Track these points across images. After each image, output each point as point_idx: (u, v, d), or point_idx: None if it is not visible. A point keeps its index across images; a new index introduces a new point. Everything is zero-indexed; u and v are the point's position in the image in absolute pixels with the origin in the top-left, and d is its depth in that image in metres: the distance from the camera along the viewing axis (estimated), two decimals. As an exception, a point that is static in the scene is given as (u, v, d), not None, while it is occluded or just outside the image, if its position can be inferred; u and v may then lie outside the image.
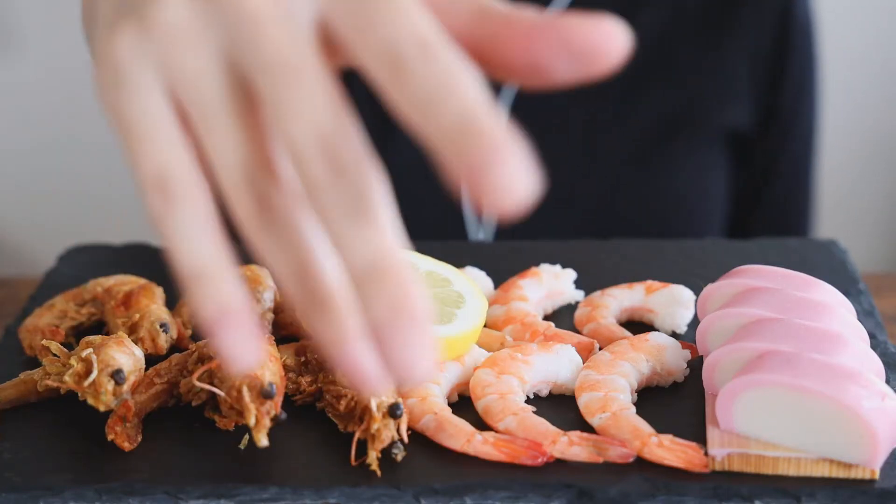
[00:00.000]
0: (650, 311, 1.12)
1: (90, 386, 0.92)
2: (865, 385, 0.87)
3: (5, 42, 2.68)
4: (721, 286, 1.03)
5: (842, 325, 0.96)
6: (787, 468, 0.89)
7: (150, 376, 0.98)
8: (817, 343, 0.91)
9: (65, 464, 0.93)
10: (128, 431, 0.94)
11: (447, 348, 1.00)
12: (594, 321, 1.10)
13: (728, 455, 0.90)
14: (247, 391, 0.90)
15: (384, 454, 0.92)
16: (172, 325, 1.05)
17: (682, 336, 1.10)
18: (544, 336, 1.06)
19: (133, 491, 0.89)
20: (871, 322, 1.11)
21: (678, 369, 1.02)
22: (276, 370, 0.94)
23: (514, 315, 1.10)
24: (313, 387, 0.99)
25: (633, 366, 1.00)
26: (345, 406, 0.95)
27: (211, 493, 0.89)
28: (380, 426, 0.91)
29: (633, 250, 1.28)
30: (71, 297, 1.14)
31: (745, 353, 0.93)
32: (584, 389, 0.98)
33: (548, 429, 0.93)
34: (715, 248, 1.28)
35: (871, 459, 0.87)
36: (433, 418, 0.95)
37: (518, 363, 1.00)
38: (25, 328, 1.11)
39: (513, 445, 0.92)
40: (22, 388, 1.00)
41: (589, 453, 0.92)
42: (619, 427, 0.93)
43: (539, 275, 1.15)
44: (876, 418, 0.86)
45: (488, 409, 0.96)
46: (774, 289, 0.99)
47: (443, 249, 1.30)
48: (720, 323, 0.99)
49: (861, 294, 1.16)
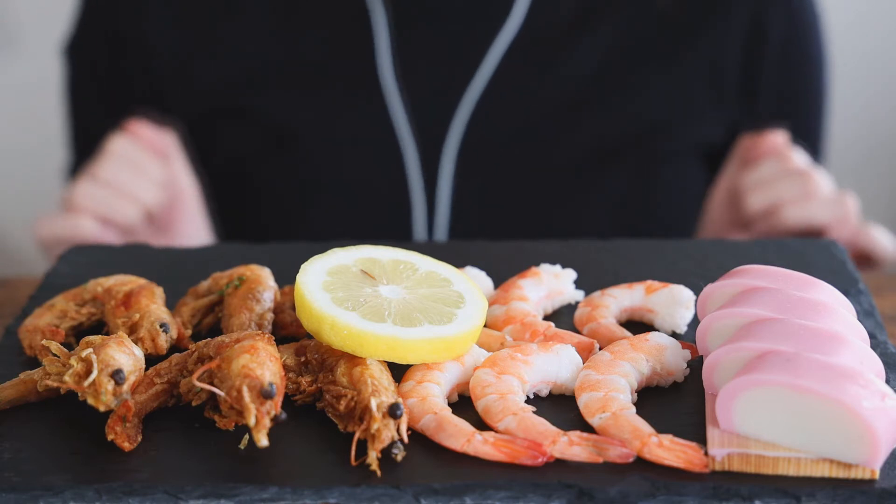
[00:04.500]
0: (650, 311, 1.12)
1: (90, 386, 0.92)
2: (865, 385, 0.87)
3: (5, 42, 2.68)
4: (721, 286, 1.03)
5: (842, 325, 0.96)
6: (787, 468, 0.89)
7: (150, 376, 0.98)
8: (817, 343, 0.91)
9: (65, 464, 0.93)
10: (128, 431, 0.94)
11: (447, 348, 1.00)
12: (594, 321, 1.10)
13: (728, 455, 0.90)
14: (247, 391, 0.90)
15: (384, 454, 0.92)
16: (172, 325, 1.05)
17: (682, 336, 1.10)
18: (544, 336, 1.06)
19: (133, 491, 0.89)
20: (871, 322, 1.11)
21: (678, 369, 1.02)
22: (276, 370, 0.94)
23: (514, 315, 1.10)
24: (313, 387, 0.99)
25: (633, 366, 1.00)
26: (345, 406, 0.95)
27: (211, 493, 0.89)
28: (380, 426, 0.91)
29: (633, 250, 1.28)
30: (71, 297, 1.14)
31: (745, 353, 0.93)
32: (584, 389, 0.98)
33: (548, 429, 0.93)
34: (715, 248, 1.28)
35: (871, 459, 0.87)
36: (433, 418, 0.95)
37: (518, 363, 1.00)
38: (25, 328, 1.10)
39: (513, 445, 0.92)
40: (22, 388, 1.00)
41: (589, 453, 0.92)
42: (619, 427, 0.93)
43: (539, 275, 1.15)
44: (876, 418, 0.86)
45: (488, 409, 0.96)
46: (774, 289, 0.99)
47: (443, 249, 1.31)
48: (720, 323, 0.99)
49: (861, 294, 1.16)
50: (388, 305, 1.01)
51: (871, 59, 2.67)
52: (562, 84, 1.71)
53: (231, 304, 1.09)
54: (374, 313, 0.99)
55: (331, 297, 1.00)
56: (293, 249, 1.24)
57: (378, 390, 0.94)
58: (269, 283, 1.12)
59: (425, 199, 1.69)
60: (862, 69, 2.65)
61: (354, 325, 0.98)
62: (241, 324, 1.06)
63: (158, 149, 1.65)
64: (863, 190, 2.73)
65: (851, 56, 2.58)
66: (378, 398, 0.93)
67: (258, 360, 0.93)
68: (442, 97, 1.71)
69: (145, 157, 1.62)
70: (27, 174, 2.74)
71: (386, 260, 1.07)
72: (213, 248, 1.33)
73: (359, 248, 1.07)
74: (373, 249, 1.08)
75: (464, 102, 1.70)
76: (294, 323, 1.08)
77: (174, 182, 1.67)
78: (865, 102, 2.68)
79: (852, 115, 2.64)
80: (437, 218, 1.71)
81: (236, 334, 0.99)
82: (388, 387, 0.96)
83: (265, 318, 1.08)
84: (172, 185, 1.66)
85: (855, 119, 2.66)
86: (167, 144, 1.67)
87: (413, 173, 1.69)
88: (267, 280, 1.12)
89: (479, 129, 1.71)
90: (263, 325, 1.07)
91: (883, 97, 2.70)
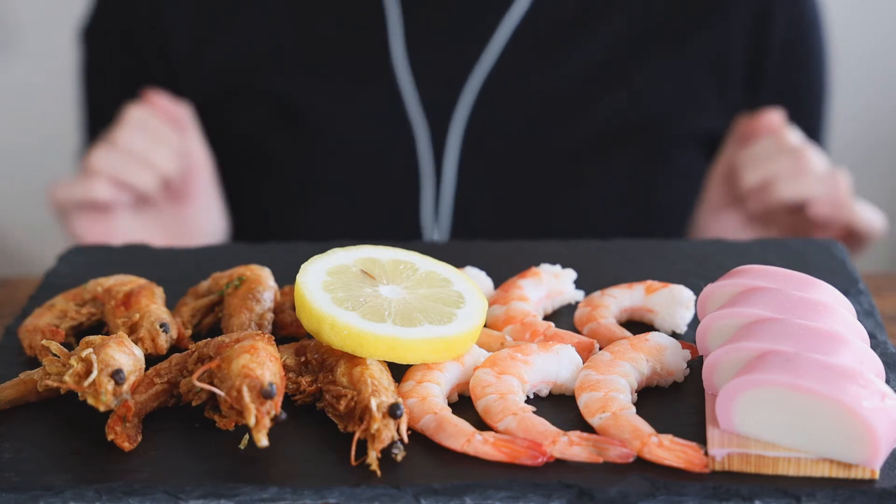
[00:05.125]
0: (650, 311, 1.12)
1: (90, 386, 0.92)
2: (865, 385, 0.87)
3: (5, 42, 2.68)
4: (721, 286, 1.03)
5: (842, 325, 0.96)
6: (787, 468, 0.89)
7: (150, 376, 0.98)
8: (817, 343, 0.91)
9: (65, 464, 0.93)
10: (128, 431, 0.94)
11: (447, 348, 1.00)
12: (594, 321, 1.10)
13: (728, 455, 0.90)
14: (247, 391, 0.90)
15: (384, 454, 0.92)
16: (172, 325, 1.05)
17: (682, 336, 1.10)
18: (544, 336, 1.06)
19: (133, 491, 0.89)
20: (871, 322, 1.11)
21: (678, 369, 1.02)
22: (276, 370, 0.94)
23: (514, 315, 1.10)
24: (313, 387, 0.99)
25: (633, 366, 1.00)
26: (345, 406, 0.95)
27: (211, 493, 0.89)
28: (380, 426, 0.91)
29: (633, 250, 1.28)
30: (71, 297, 1.14)
31: (745, 353, 0.93)
32: (584, 389, 0.98)
33: (548, 429, 0.93)
34: (715, 248, 1.28)
35: (871, 459, 0.87)
36: (433, 418, 0.95)
37: (518, 363, 1.00)
38: (25, 328, 1.10)
39: (513, 445, 0.92)
40: (22, 388, 1.00)
41: (589, 453, 0.92)
42: (619, 427, 0.93)
43: (539, 275, 1.15)
44: (876, 418, 0.86)
45: (488, 409, 0.96)
46: (774, 289, 0.99)
47: (443, 250, 1.31)
48: (720, 323, 0.99)
49: (861, 294, 1.16)
50: (388, 305, 1.01)
51: (871, 58, 2.67)
52: (568, 70, 1.74)
53: (231, 304, 1.09)
54: (374, 313, 0.99)
55: (331, 297, 1.00)
56: (293, 249, 1.24)
57: (378, 390, 0.94)
58: (269, 283, 1.12)
59: (434, 176, 1.71)
60: (862, 69, 2.65)
61: (354, 325, 0.98)
62: (241, 324, 1.06)
63: (175, 118, 1.67)
64: (863, 190, 2.74)
65: (852, 56, 2.58)
66: (378, 398, 0.93)
67: (258, 360, 0.93)
68: (449, 79, 1.74)
69: (162, 126, 1.65)
70: (27, 174, 2.74)
71: (386, 260, 1.07)
72: (214, 248, 1.33)
73: (359, 248, 1.07)
74: (373, 249, 1.08)
75: (470, 83, 1.72)
76: (294, 323, 1.08)
77: (190, 153, 1.69)
78: (865, 102, 2.68)
79: (852, 115, 2.64)
80: (442, 200, 1.72)
81: (236, 334, 0.99)
82: (388, 387, 0.96)
83: (265, 318, 1.08)
84: (188, 155, 1.68)
85: (855, 119, 2.66)
86: (183, 116, 1.70)
87: (423, 152, 1.72)
88: (267, 280, 1.12)
89: (486, 109, 1.74)
90: (263, 325, 1.07)
91: (883, 97, 2.70)
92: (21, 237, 2.77)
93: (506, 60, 1.73)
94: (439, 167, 1.73)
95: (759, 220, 1.63)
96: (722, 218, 1.67)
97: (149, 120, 1.64)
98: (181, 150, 1.66)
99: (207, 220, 1.73)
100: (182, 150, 1.67)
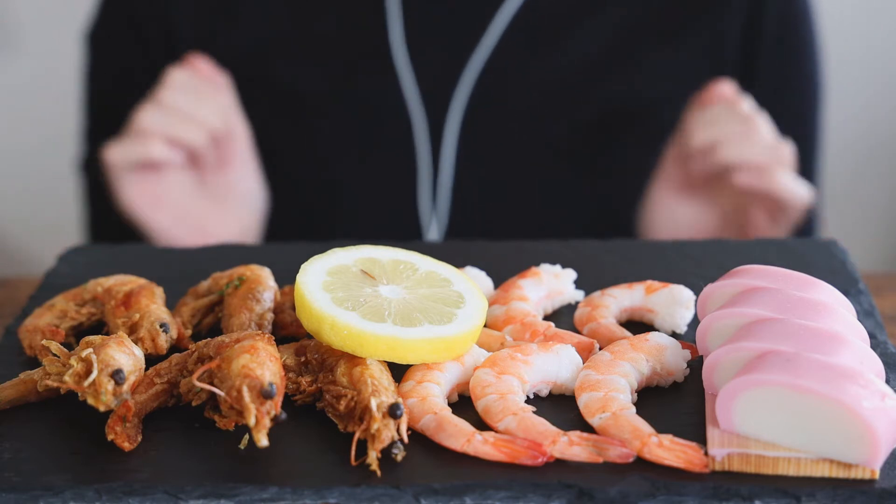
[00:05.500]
0: (650, 311, 1.12)
1: (90, 386, 0.92)
2: (865, 385, 0.87)
3: (5, 42, 2.68)
4: (721, 286, 1.03)
5: (842, 325, 0.96)
6: (787, 468, 0.89)
7: (150, 376, 0.98)
8: (817, 343, 0.91)
9: (65, 464, 0.93)
10: (128, 431, 0.94)
11: (447, 348, 1.00)
12: (594, 321, 1.10)
13: (728, 455, 0.90)
14: (247, 391, 0.90)
15: (384, 454, 0.92)
16: (172, 325, 1.05)
17: (682, 336, 1.10)
18: (544, 336, 1.06)
19: (133, 491, 0.89)
20: (871, 322, 1.12)
21: (678, 369, 1.02)
22: (276, 370, 0.94)
23: (514, 315, 1.10)
24: (313, 387, 0.99)
25: (633, 366, 1.00)
26: (345, 406, 0.95)
27: (211, 493, 0.89)
28: (380, 426, 0.91)
29: (633, 250, 1.28)
30: (71, 297, 1.14)
31: (745, 353, 0.93)
32: (584, 389, 0.98)
33: (548, 429, 0.93)
34: (715, 248, 1.28)
35: (871, 459, 0.87)
36: (433, 418, 0.95)
37: (518, 363, 1.00)
38: (25, 328, 1.10)
39: (513, 445, 0.92)
40: (22, 388, 1.00)
41: (589, 453, 0.92)
42: (619, 427, 0.93)
43: (539, 275, 1.15)
44: (876, 418, 0.86)
45: (488, 409, 0.96)
46: (774, 289, 0.99)
47: (443, 249, 1.31)
48: (720, 323, 0.99)
49: (861, 294, 1.16)
50: (388, 305, 1.01)
51: (871, 59, 2.67)
52: (565, 59, 1.75)
53: (231, 304, 1.09)
54: (374, 313, 0.99)
55: (331, 297, 1.00)
56: (293, 249, 1.24)
57: (378, 390, 0.94)
58: (269, 283, 1.12)
59: (431, 165, 1.72)
60: (862, 69, 2.65)
61: (354, 325, 0.98)
62: (241, 324, 1.06)
63: (216, 81, 1.69)
64: (863, 190, 2.74)
65: (852, 56, 2.59)
66: (378, 398, 0.93)
67: (258, 360, 0.93)
68: (447, 68, 1.75)
69: (205, 86, 1.66)
70: (27, 174, 2.74)
71: (386, 260, 1.07)
72: (214, 248, 1.33)
73: (359, 248, 1.07)
74: (373, 249, 1.08)
75: (468, 72, 1.73)
76: (294, 323, 1.08)
77: (230, 116, 1.69)
78: (865, 102, 2.68)
79: (852, 115, 2.64)
80: (440, 189, 1.73)
81: (236, 334, 0.99)
82: (388, 387, 0.96)
83: (265, 318, 1.08)
84: (229, 118, 1.69)
85: (855, 119, 2.66)
86: (223, 81, 1.71)
87: (421, 141, 1.72)
88: (267, 280, 1.12)
89: (484, 98, 1.75)
90: (263, 325, 1.07)
91: (883, 97, 2.70)
92: (21, 237, 2.77)
93: (504, 49, 1.74)
94: (437, 156, 1.74)
95: (700, 185, 1.65)
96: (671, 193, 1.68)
97: (192, 81, 1.66)
98: (224, 109, 1.68)
99: (247, 186, 1.73)
100: (225, 110, 1.68)
